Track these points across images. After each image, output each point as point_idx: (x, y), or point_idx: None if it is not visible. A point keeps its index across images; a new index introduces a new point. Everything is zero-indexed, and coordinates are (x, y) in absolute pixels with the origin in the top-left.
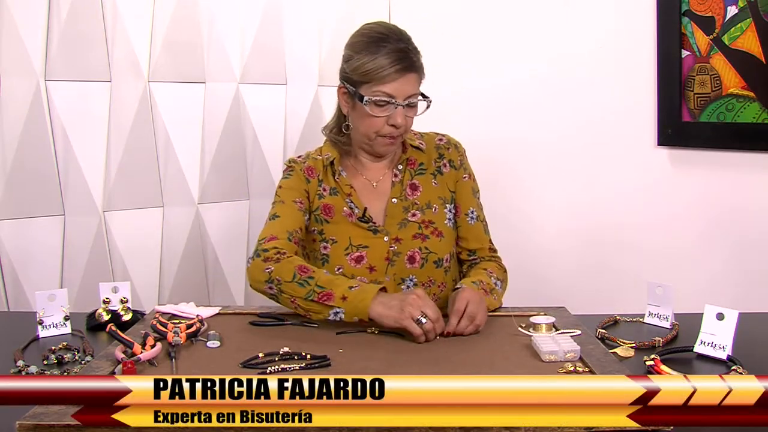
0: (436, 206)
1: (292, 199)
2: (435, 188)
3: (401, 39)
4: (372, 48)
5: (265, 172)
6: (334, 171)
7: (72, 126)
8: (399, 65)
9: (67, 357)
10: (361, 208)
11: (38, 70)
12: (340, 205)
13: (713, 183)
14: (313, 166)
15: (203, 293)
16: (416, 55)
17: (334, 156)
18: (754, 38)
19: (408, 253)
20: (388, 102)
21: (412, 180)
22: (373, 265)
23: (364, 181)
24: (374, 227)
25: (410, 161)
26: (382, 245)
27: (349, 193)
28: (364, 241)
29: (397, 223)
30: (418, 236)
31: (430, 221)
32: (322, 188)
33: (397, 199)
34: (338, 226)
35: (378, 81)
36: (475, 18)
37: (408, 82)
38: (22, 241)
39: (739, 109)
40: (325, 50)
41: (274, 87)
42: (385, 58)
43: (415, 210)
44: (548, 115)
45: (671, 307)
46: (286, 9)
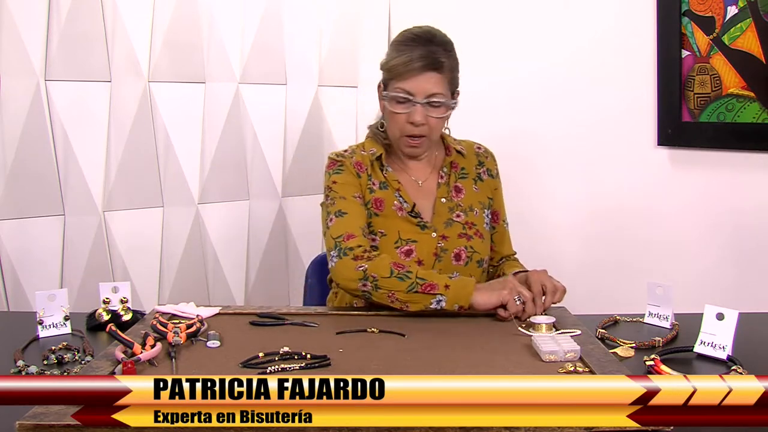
0: (477, 210)
1: (352, 194)
2: (476, 193)
3: (432, 41)
4: (401, 47)
5: (265, 172)
6: (381, 166)
7: (72, 126)
8: (420, 63)
9: (67, 357)
10: (410, 203)
11: (38, 70)
12: (390, 199)
13: (713, 183)
14: (361, 160)
15: (203, 293)
16: (446, 57)
17: (380, 151)
18: (754, 38)
19: (454, 250)
20: (407, 99)
21: (456, 183)
22: (422, 259)
23: (409, 178)
24: (423, 223)
25: (454, 165)
26: (430, 241)
27: (398, 188)
28: (412, 235)
29: (443, 221)
30: (463, 236)
31: (473, 223)
32: (372, 182)
33: (445, 199)
34: (387, 219)
35: (398, 77)
36: (475, 18)
37: (428, 80)
38: (22, 241)
39: (739, 109)
40: (325, 50)
41: (274, 87)
42: (408, 56)
43: (459, 211)
44: (548, 116)
45: (671, 307)
46: (286, 9)
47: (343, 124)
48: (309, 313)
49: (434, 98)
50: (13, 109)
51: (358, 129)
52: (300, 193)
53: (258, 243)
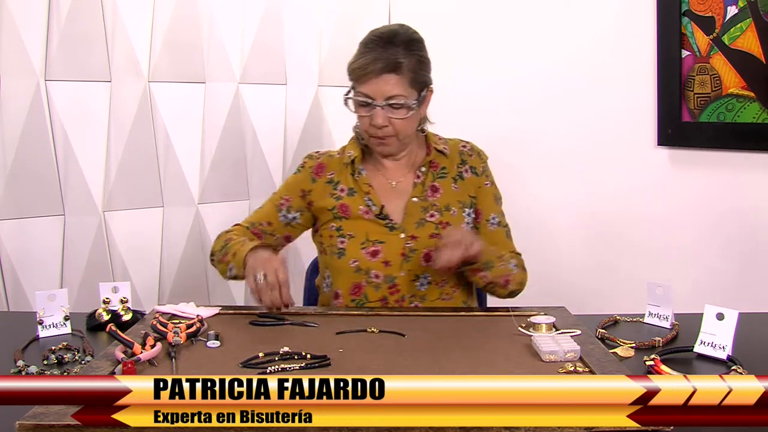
0: (455, 209)
1: (281, 195)
2: (455, 192)
3: (393, 42)
4: (363, 49)
5: (265, 172)
6: (354, 170)
7: (72, 126)
8: (377, 65)
9: (67, 357)
10: (378, 206)
11: (38, 70)
12: (357, 204)
13: (713, 183)
14: (326, 164)
15: (203, 293)
16: (405, 57)
17: (356, 154)
18: (754, 38)
19: (424, 250)
20: (368, 102)
21: (434, 182)
22: (389, 259)
23: (383, 180)
24: (391, 224)
25: (433, 164)
26: (398, 241)
27: (368, 191)
28: (380, 237)
29: (415, 221)
30: (434, 236)
31: (448, 223)
32: (338, 189)
33: (418, 199)
34: (356, 222)
35: (358, 81)
36: (475, 18)
37: (386, 83)
38: (22, 241)
39: (739, 109)
40: (325, 50)
41: (274, 87)
42: (366, 58)
43: (433, 211)
44: (548, 115)
45: (671, 307)
46: (286, 9)
47: (343, 124)
48: (309, 313)
49: (393, 100)
50: (13, 109)
51: None
52: None
53: None
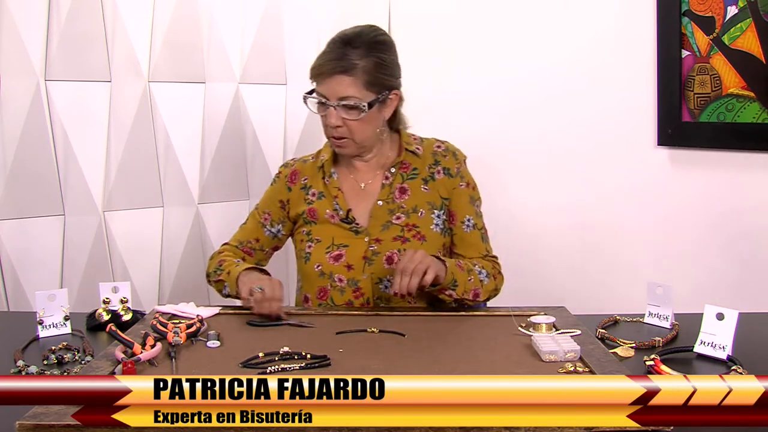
0: (423, 211)
1: (261, 210)
2: (424, 193)
3: (351, 44)
4: (324, 48)
5: (265, 172)
6: (324, 173)
7: (72, 126)
8: (330, 65)
9: (67, 357)
10: (344, 210)
11: (38, 70)
12: (324, 208)
13: (713, 183)
14: (300, 170)
15: (203, 293)
16: (361, 58)
17: (327, 158)
18: (754, 38)
19: (387, 253)
20: (323, 102)
21: (402, 184)
22: (351, 263)
23: (353, 182)
24: (356, 228)
25: (403, 165)
26: (361, 245)
27: (336, 195)
28: (345, 240)
29: (380, 224)
30: (398, 238)
31: (414, 225)
32: (310, 194)
33: (383, 201)
34: (323, 226)
35: (315, 80)
36: (475, 18)
37: (339, 83)
38: (22, 241)
39: (739, 109)
40: None
41: (274, 87)
42: (321, 58)
43: (400, 213)
44: (548, 115)
45: (671, 307)
46: (286, 9)
47: None
48: (309, 314)
49: (346, 101)
50: (13, 109)
51: None
52: None
53: None
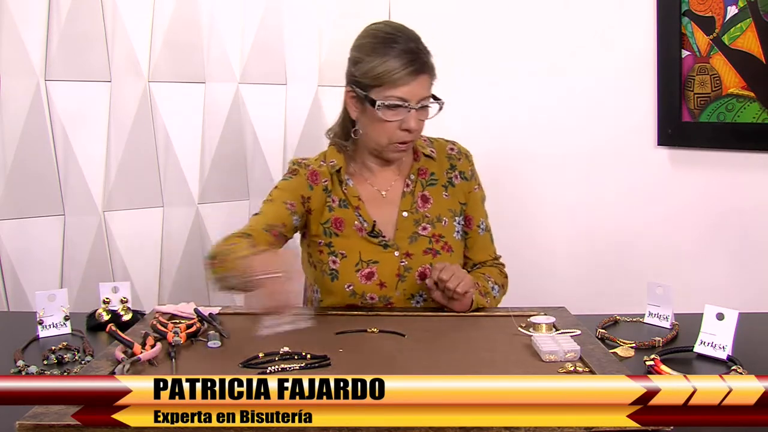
0: (446, 219)
1: (283, 200)
2: (446, 200)
3: (411, 39)
4: (381, 49)
5: (265, 172)
6: (340, 180)
7: (72, 126)
8: (411, 67)
9: (67, 357)
10: (370, 222)
11: (38, 70)
12: (351, 219)
13: (713, 183)
14: (319, 171)
15: (203, 293)
16: (427, 56)
17: (339, 164)
18: (754, 38)
19: (419, 269)
20: (401, 106)
21: (424, 191)
22: (384, 281)
23: (372, 190)
24: (384, 241)
25: (422, 171)
26: (392, 260)
27: (357, 205)
28: (374, 256)
29: (407, 236)
30: (428, 251)
31: (441, 235)
32: (332, 200)
33: (408, 212)
34: (348, 240)
35: (390, 84)
36: (475, 19)
37: (421, 84)
38: (22, 241)
39: (739, 109)
40: (325, 50)
41: (274, 87)
42: (396, 60)
43: (425, 223)
44: (548, 116)
45: (671, 307)
46: (286, 9)
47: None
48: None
49: (426, 101)
50: (13, 109)
51: None
52: None
53: None
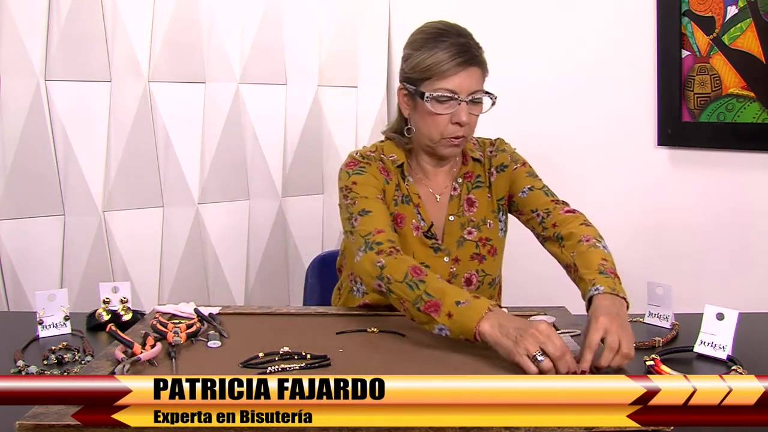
0: (491, 221)
1: (374, 195)
2: (489, 202)
3: (461, 34)
4: (431, 43)
5: (265, 172)
6: (403, 176)
7: (72, 126)
8: (460, 58)
9: (67, 357)
10: (428, 222)
11: (38, 70)
12: (410, 216)
13: (713, 183)
14: (385, 164)
15: (203, 293)
16: (478, 50)
17: (402, 159)
18: (754, 38)
19: (465, 275)
20: (451, 98)
21: (469, 194)
22: None
23: (427, 191)
24: (437, 245)
25: (468, 175)
26: (443, 266)
27: (417, 203)
28: (425, 259)
29: (455, 241)
30: (475, 257)
31: (487, 239)
32: (398, 194)
33: (454, 216)
34: (405, 238)
35: (439, 76)
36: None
37: (470, 76)
38: (22, 241)
39: (739, 109)
40: (325, 50)
41: (274, 87)
42: (445, 52)
43: (471, 227)
44: (548, 116)
45: (671, 307)
46: (286, 9)
47: (343, 124)
48: (309, 313)
49: (477, 94)
50: (13, 109)
51: (358, 129)
52: (300, 193)
53: (258, 243)
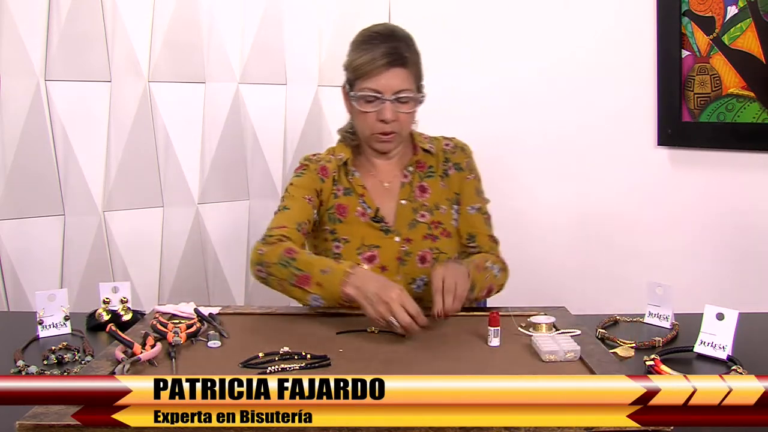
0: (444, 207)
1: (302, 195)
2: (443, 190)
3: (394, 37)
4: (363, 46)
5: (265, 172)
6: (347, 171)
7: (72, 126)
8: (385, 60)
9: (67, 357)
10: (373, 208)
11: (38, 70)
12: (354, 205)
13: (713, 183)
14: (328, 166)
15: (203, 293)
16: (409, 52)
17: (347, 156)
18: (754, 38)
19: (419, 253)
20: (376, 97)
21: (421, 182)
22: (385, 264)
23: (375, 181)
24: (386, 227)
25: (420, 164)
26: (393, 245)
27: (362, 193)
28: (375, 241)
29: (407, 223)
30: (428, 237)
31: (439, 222)
32: (337, 188)
33: (406, 201)
34: (351, 226)
35: (365, 76)
36: (475, 18)
37: (395, 76)
38: (22, 241)
39: (739, 109)
40: (325, 50)
41: (274, 87)
42: (372, 54)
43: (424, 211)
44: (548, 116)
45: (671, 307)
46: (286, 9)
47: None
48: (309, 313)
49: (402, 94)
50: (13, 109)
51: None
52: None
53: None
